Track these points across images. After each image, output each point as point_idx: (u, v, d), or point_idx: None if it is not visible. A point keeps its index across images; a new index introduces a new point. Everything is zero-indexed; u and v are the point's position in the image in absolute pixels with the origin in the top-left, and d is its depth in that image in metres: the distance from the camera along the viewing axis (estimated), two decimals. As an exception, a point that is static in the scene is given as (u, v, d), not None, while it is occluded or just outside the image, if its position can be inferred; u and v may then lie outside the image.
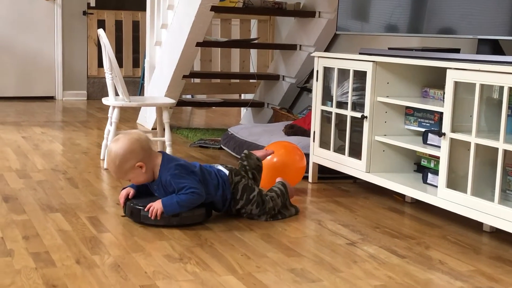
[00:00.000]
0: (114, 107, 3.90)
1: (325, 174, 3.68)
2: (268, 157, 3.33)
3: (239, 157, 4.17)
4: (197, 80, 6.58)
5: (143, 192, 2.82)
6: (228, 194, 2.80)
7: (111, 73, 3.85)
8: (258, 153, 3.16)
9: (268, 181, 3.24)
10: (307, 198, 3.34)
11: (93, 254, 2.36)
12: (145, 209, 2.69)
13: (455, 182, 2.77)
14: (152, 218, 2.66)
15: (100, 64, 7.67)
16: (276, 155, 3.40)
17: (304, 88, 5.35)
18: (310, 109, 4.33)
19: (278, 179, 3.12)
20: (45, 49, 7.52)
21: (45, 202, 3.07)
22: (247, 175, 2.93)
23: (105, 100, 3.95)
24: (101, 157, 4.10)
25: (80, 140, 4.85)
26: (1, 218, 2.78)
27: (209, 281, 2.15)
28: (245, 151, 3.11)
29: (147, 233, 2.62)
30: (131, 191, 2.80)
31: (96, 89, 7.83)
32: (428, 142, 3.02)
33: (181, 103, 5.59)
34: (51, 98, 7.64)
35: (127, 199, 2.79)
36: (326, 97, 3.59)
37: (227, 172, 2.83)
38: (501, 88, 2.56)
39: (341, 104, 3.48)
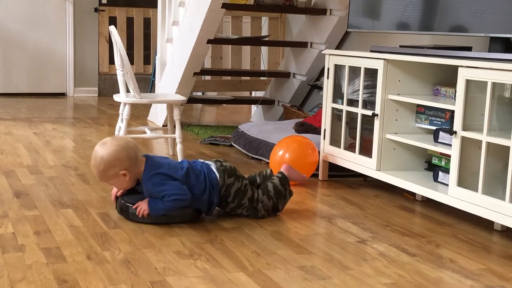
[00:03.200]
0: (125, 104, 3.91)
1: (336, 171, 3.68)
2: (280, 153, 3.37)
3: (249, 154, 4.20)
4: (208, 77, 6.59)
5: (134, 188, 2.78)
6: (215, 198, 2.72)
7: (122, 70, 3.86)
8: (293, 174, 3.07)
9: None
10: (317, 196, 3.34)
11: (103, 250, 2.37)
12: (133, 207, 2.69)
13: (466, 181, 2.76)
14: (140, 216, 2.67)
15: (111, 61, 7.69)
16: (289, 150, 3.45)
17: (314, 86, 5.34)
18: (321, 107, 4.33)
19: (282, 167, 3.05)
20: (56, 46, 7.55)
21: (56, 198, 3.08)
22: (245, 180, 2.81)
23: (116, 97, 3.96)
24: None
25: (91, 136, 4.87)
26: (13, 213, 2.79)
27: (219, 277, 2.15)
28: (268, 171, 3.01)
29: (157, 229, 2.63)
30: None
31: (107, 85, 7.85)
32: (439, 141, 3.01)
33: (191, 100, 5.60)
34: (63, 94, 7.67)
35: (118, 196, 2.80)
36: (337, 94, 3.59)
37: (217, 174, 2.73)
38: (513, 86, 2.55)
39: (352, 102, 3.47)
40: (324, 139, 3.65)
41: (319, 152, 3.63)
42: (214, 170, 2.75)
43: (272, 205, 2.86)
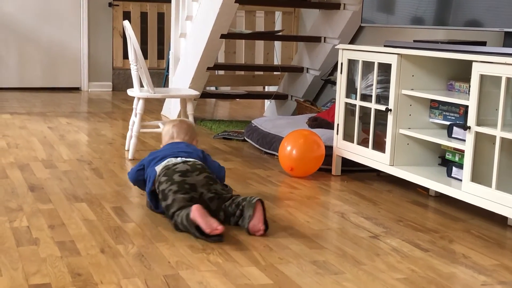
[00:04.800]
0: (139, 99, 3.92)
1: (349, 167, 3.68)
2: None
3: (262, 149, 4.20)
4: (221, 72, 6.59)
5: None
6: (148, 187, 2.77)
7: (136, 65, 3.88)
8: (198, 219, 2.42)
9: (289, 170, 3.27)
10: (330, 191, 3.34)
11: (117, 244, 2.39)
12: None
13: (479, 176, 2.75)
14: None
15: (125, 56, 7.71)
16: (296, 145, 3.47)
17: (328, 81, 5.33)
18: (334, 102, 4.32)
19: (193, 207, 2.45)
20: (71, 41, 7.58)
21: (71, 192, 3.10)
22: (174, 186, 2.60)
23: (130, 92, 3.97)
24: (126, 148, 4.13)
25: (105, 131, 4.89)
26: (27, 207, 2.82)
27: (232, 271, 2.16)
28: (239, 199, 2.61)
29: (170, 223, 2.64)
30: None
31: (121, 80, 7.88)
32: (453, 136, 3.00)
33: (205, 94, 5.61)
34: (77, 89, 7.71)
35: None
36: (350, 89, 3.58)
37: (158, 169, 2.72)
38: (528, 81, 2.53)
39: (365, 97, 3.47)
40: (337, 134, 3.65)
41: (329, 147, 3.64)
42: (163, 163, 2.75)
43: (187, 231, 2.49)
